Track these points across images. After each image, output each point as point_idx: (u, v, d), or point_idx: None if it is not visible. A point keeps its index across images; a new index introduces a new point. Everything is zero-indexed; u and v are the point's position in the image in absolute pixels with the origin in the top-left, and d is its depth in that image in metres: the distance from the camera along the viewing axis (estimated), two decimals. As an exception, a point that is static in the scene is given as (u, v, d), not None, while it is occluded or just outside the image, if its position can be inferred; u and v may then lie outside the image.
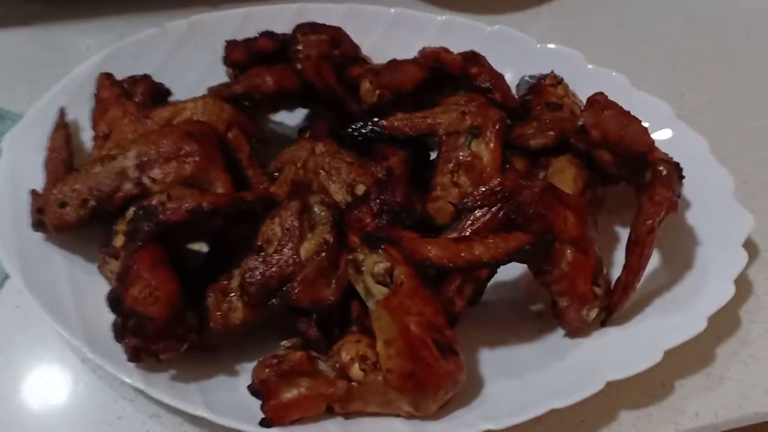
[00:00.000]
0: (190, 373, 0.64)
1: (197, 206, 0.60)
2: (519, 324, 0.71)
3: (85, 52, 0.95)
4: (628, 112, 0.69)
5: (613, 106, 0.69)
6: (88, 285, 0.69)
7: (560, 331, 0.69)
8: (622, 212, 0.76)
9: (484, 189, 0.62)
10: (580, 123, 0.68)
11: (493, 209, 0.62)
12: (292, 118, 0.86)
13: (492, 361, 0.67)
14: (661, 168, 0.65)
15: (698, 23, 1.06)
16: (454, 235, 0.63)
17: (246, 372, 0.66)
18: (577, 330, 0.68)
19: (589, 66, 0.86)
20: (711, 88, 0.97)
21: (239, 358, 0.66)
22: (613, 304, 0.67)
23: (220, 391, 0.64)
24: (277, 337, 0.67)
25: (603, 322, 0.68)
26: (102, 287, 0.68)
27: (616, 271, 0.72)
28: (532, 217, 0.62)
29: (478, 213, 0.62)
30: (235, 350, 0.67)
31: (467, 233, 0.62)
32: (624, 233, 0.76)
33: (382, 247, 0.58)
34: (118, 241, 0.63)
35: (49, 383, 0.67)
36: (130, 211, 0.63)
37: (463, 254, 0.59)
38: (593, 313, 0.67)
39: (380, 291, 0.58)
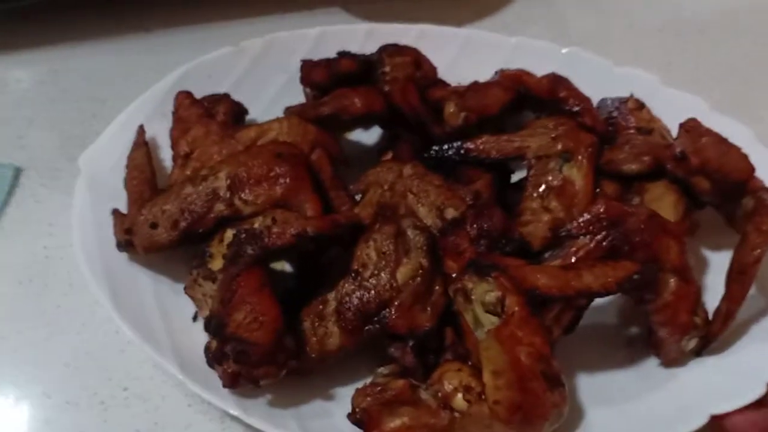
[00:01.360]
0: (285, 399, 0.63)
1: (302, 231, 0.59)
2: (612, 351, 0.69)
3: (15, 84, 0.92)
4: (726, 138, 0.68)
5: (710, 133, 0.68)
6: (175, 306, 0.68)
7: (654, 359, 0.68)
8: (709, 235, 0.75)
9: (588, 216, 0.61)
10: (678, 150, 0.67)
11: (597, 237, 0.61)
12: (366, 137, 0.85)
13: (588, 389, 0.66)
14: (765, 197, 0.64)
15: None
16: (558, 261, 0.62)
17: (340, 397, 0.65)
18: (674, 360, 0.66)
19: (667, 89, 0.85)
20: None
21: (332, 383, 0.65)
22: (712, 334, 0.65)
23: (316, 418, 0.62)
24: (368, 361, 0.66)
25: (698, 351, 0.67)
26: (188, 309, 0.68)
27: (707, 298, 0.71)
28: (637, 246, 0.61)
29: (581, 240, 0.61)
30: (327, 375, 0.65)
31: (572, 261, 0.61)
32: (711, 256, 0.76)
33: (493, 275, 0.57)
34: (216, 264, 0.62)
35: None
36: (229, 234, 0.62)
37: (572, 283, 0.58)
38: (692, 343, 0.65)
39: (490, 320, 0.57)
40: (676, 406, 0.64)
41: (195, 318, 0.67)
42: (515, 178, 0.76)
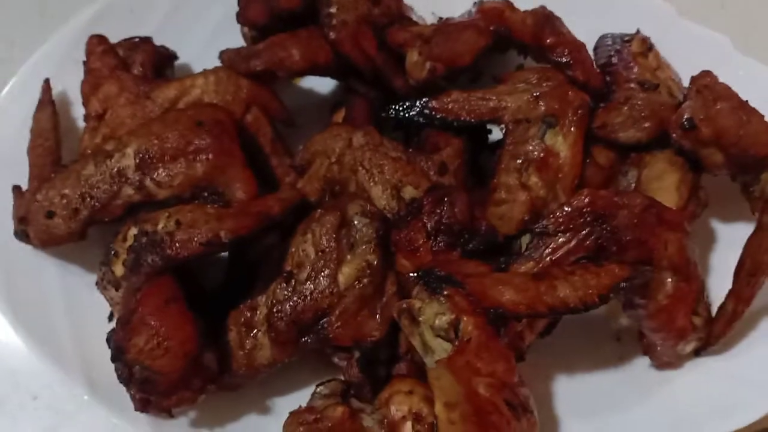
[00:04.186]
0: (210, 416, 0.55)
1: (213, 238, 0.48)
2: (597, 348, 0.60)
3: None
4: (746, 102, 0.55)
5: (728, 94, 0.55)
6: (88, 303, 0.58)
7: (645, 358, 0.59)
8: (720, 204, 0.64)
9: (569, 209, 0.50)
10: (686, 117, 0.54)
11: (580, 235, 0.50)
12: (322, 83, 0.72)
13: (566, 396, 0.57)
14: (789, 180, 0.52)
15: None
16: (530, 265, 0.51)
17: (276, 410, 0.56)
18: (668, 364, 0.57)
19: (684, 23, 0.70)
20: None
21: (269, 394, 0.57)
22: (714, 336, 0.56)
23: (246, 440, 0.54)
24: (313, 362, 0.57)
25: (698, 351, 0.57)
26: (104, 304, 0.58)
27: (713, 278, 0.61)
28: (629, 245, 0.50)
29: (560, 239, 0.50)
30: (263, 383, 0.57)
31: (546, 264, 0.50)
32: (721, 230, 0.65)
33: (445, 293, 0.46)
34: (118, 268, 0.52)
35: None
36: (131, 232, 0.51)
37: (544, 298, 0.47)
38: (690, 347, 0.56)
39: (442, 347, 0.47)
40: (666, 421, 0.55)
41: (111, 318, 0.58)
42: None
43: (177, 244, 0.48)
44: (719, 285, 0.59)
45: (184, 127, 0.56)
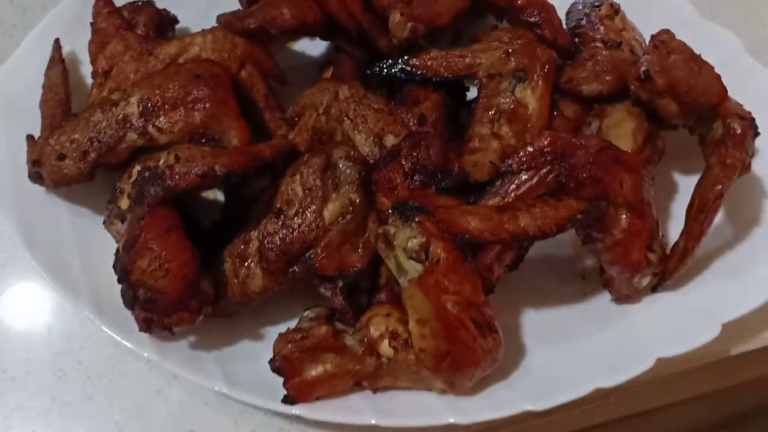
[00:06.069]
0: (207, 341, 0.60)
1: (209, 170, 0.53)
2: (562, 285, 0.65)
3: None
4: (699, 56, 0.60)
5: (682, 48, 0.60)
6: (98, 240, 0.63)
7: (607, 295, 0.64)
8: (680, 157, 0.69)
9: (531, 149, 0.55)
10: (642, 69, 0.59)
11: (541, 172, 0.55)
12: (314, 46, 0.77)
13: (533, 326, 0.62)
14: (734, 125, 0.57)
15: None
16: (497, 200, 0.56)
17: (268, 336, 0.61)
18: (626, 297, 0.62)
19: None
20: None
21: (261, 322, 0.62)
22: (668, 271, 0.61)
23: (240, 362, 0.59)
24: (301, 296, 0.62)
25: (654, 287, 0.62)
26: (112, 243, 0.63)
27: (672, 225, 0.66)
28: (585, 182, 0.55)
29: (523, 176, 0.55)
30: (256, 312, 0.62)
31: (510, 199, 0.55)
32: (681, 181, 0.70)
33: (416, 219, 0.51)
34: (123, 202, 0.57)
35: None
36: (135, 170, 0.57)
37: (506, 226, 0.53)
38: (645, 281, 0.61)
39: (414, 268, 0.52)
40: (622, 347, 0.60)
41: (117, 254, 0.63)
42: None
43: (176, 176, 0.53)
44: (678, 231, 0.64)
45: (183, 79, 0.61)
